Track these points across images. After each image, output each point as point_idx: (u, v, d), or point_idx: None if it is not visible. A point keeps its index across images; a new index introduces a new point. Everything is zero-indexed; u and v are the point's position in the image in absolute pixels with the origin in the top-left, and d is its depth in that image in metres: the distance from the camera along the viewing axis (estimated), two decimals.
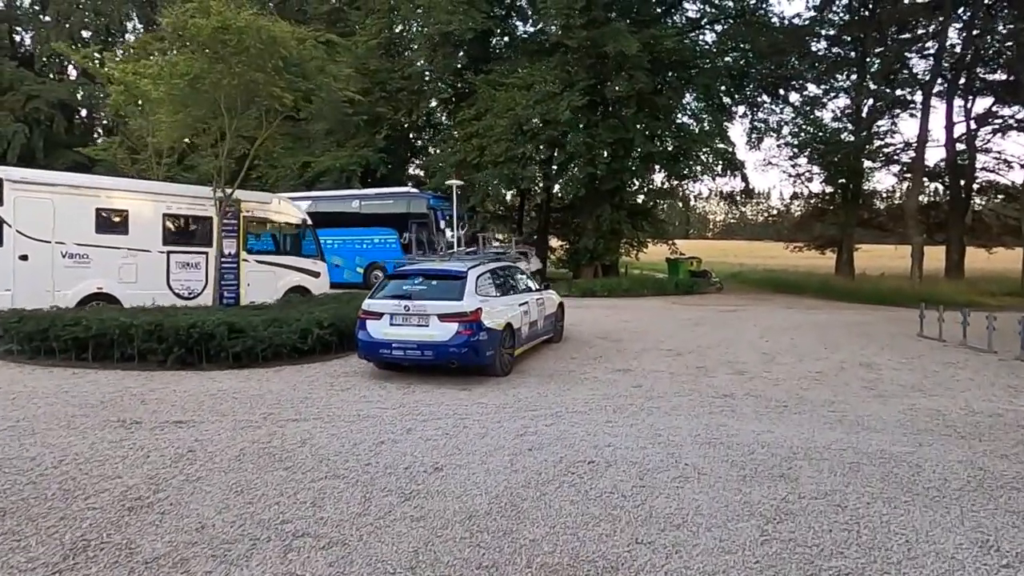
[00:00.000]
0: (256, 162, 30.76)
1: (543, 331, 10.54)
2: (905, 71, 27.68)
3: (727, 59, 27.38)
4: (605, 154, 23.76)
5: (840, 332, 12.93)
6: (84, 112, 39.01)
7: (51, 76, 36.56)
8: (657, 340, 11.80)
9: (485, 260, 9.33)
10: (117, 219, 12.66)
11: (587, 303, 19.00)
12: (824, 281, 25.62)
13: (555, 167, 25.54)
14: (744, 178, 28.77)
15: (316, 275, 15.54)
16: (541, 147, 22.82)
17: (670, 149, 26.13)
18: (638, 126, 22.76)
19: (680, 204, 31.34)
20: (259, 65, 12.17)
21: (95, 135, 37.43)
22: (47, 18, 34.92)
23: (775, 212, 52.35)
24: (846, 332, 12.93)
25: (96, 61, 16.68)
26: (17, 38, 37.35)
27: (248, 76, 12.08)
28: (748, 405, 7.04)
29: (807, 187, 31.71)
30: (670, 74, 25.06)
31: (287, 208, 15.43)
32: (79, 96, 35.13)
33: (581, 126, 21.95)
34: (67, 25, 34.19)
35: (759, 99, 30.31)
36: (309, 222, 15.79)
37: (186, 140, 15.58)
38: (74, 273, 12.07)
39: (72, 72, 36.86)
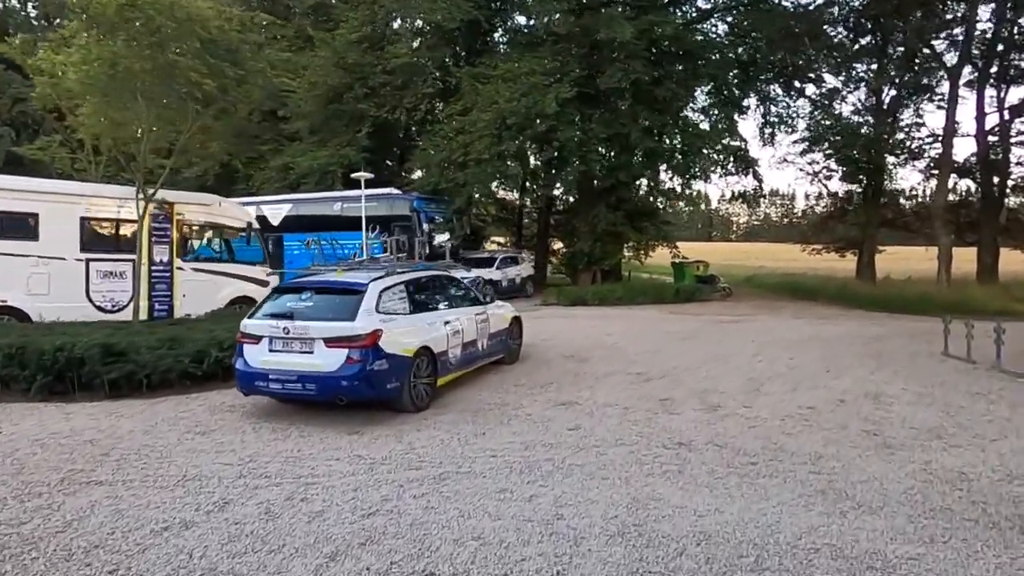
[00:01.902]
0: (236, 163, 29.60)
1: (487, 352, 8.89)
2: (931, 59, 25.49)
3: (738, 50, 25.51)
4: (601, 151, 22.03)
5: (850, 349, 11.06)
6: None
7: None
8: (630, 360, 10.07)
9: (399, 270, 7.71)
10: (25, 223, 11.30)
11: (574, 313, 17.30)
12: (843, 286, 23.54)
13: (542, 164, 23.83)
14: (756, 176, 26.79)
15: (264, 284, 14.01)
16: (527, 144, 21.10)
17: (677, 145, 24.29)
18: (636, 120, 20.92)
19: (685, 205, 29.28)
20: (174, 47, 10.77)
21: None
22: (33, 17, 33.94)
23: (799, 213, 49.95)
24: (857, 349, 11.06)
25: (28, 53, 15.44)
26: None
27: (162, 59, 10.67)
28: (704, 462, 5.32)
29: (825, 185, 29.56)
30: (677, 67, 23.21)
31: (230, 210, 13.99)
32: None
33: (573, 120, 20.22)
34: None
35: (772, 92, 28.29)
36: (256, 226, 14.33)
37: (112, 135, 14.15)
38: None
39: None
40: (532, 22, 24.54)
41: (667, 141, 24.69)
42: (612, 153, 23.02)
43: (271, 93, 12.96)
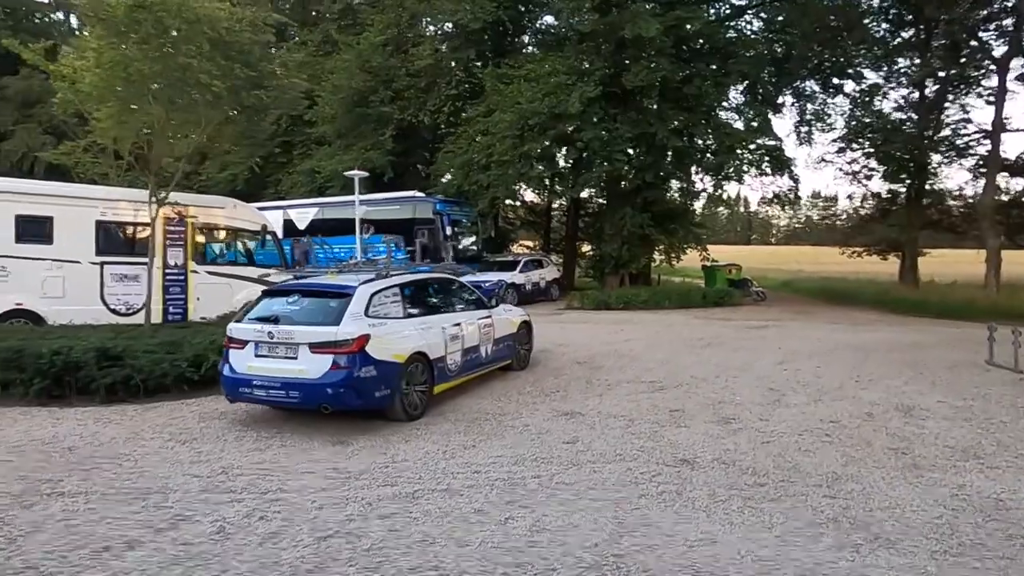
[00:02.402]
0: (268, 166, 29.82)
1: (491, 358, 8.51)
2: (978, 51, 24.21)
3: (774, 47, 24.65)
4: (628, 151, 21.43)
5: (884, 358, 10.35)
6: None
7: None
8: (645, 367, 9.58)
9: (394, 272, 7.39)
10: (41, 227, 11.36)
11: (596, 318, 16.80)
12: (883, 290, 22.52)
13: (567, 165, 23.38)
14: (792, 177, 25.80)
15: None
16: (551, 145, 20.63)
17: (711, 145, 23.55)
18: (664, 120, 20.30)
19: (716, 207, 28.48)
20: (185, 48, 10.70)
21: None
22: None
23: (841, 215, 48.37)
24: (892, 358, 10.34)
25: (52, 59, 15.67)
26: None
27: (172, 61, 10.61)
28: (707, 482, 4.85)
29: (865, 186, 28.36)
30: (708, 64, 22.48)
31: (245, 213, 13.91)
32: None
33: (596, 120, 19.72)
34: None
35: (808, 89, 27.30)
36: (271, 228, 14.24)
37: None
38: None
39: None
40: (557, 21, 24.13)
41: (697, 141, 24.01)
42: (640, 153, 22.45)
43: (286, 95, 12.76)
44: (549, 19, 25.70)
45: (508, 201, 30.21)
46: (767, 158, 24.27)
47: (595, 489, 4.71)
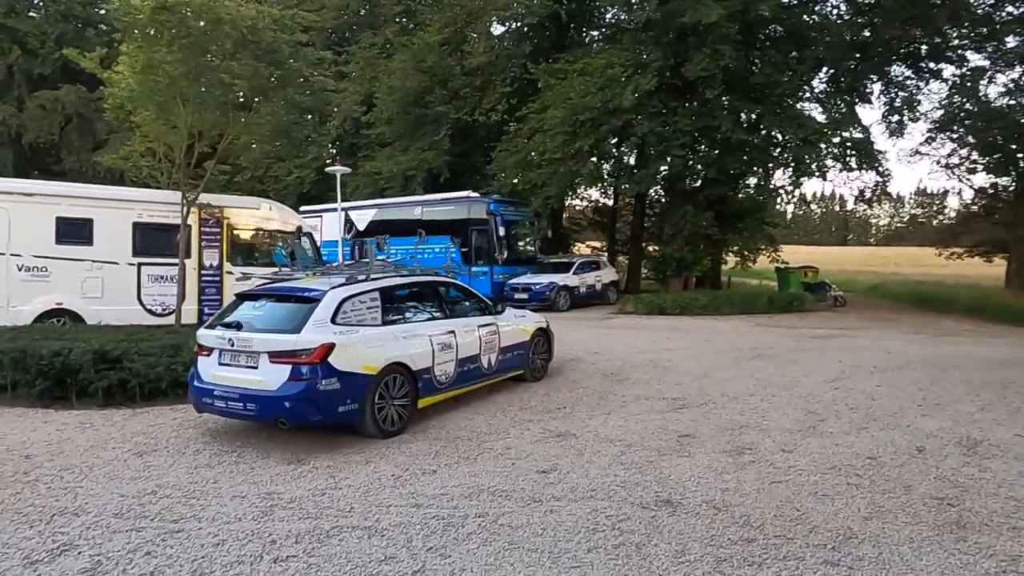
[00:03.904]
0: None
1: (497, 369, 7.84)
2: None
3: (862, 32, 22.57)
4: (688, 146, 20.10)
5: (962, 377, 8.89)
6: None
7: None
8: (675, 382, 8.63)
9: (376, 275, 6.84)
10: (80, 228, 11.65)
11: (647, 323, 15.76)
12: (982, 296, 20.09)
13: (624, 162, 22.29)
14: (879, 172, 23.50)
15: None
16: (605, 141, 19.61)
17: (786, 139, 21.83)
18: (727, 111, 18.90)
19: (791, 204, 26.49)
20: (207, 48, 10.66)
21: None
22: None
23: (944, 213, 44.45)
24: (972, 377, 8.87)
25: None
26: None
27: (196, 62, 10.59)
28: (682, 532, 3.99)
29: (968, 180, 25.59)
30: (779, 51, 20.84)
31: (279, 214, 13.85)
32: None
33: (653, 113, 18.58)
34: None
35: (898, 75, 24.86)
36: (306, 229, 14.12)
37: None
38: (31, 287, 11.14)
39: None
40: (616, 11, 23.07)
41: (772, 135, 22.30)
42: (705, 148, 21.08)
43: (316, 94, 12.58)
44: (608, 12, 24.72)
45: (573, 201, 29.45)
46: (853, 152, 22.29)
47: (540, 536, 3.96)
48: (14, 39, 32.98)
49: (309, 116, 30.15)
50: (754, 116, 21.13)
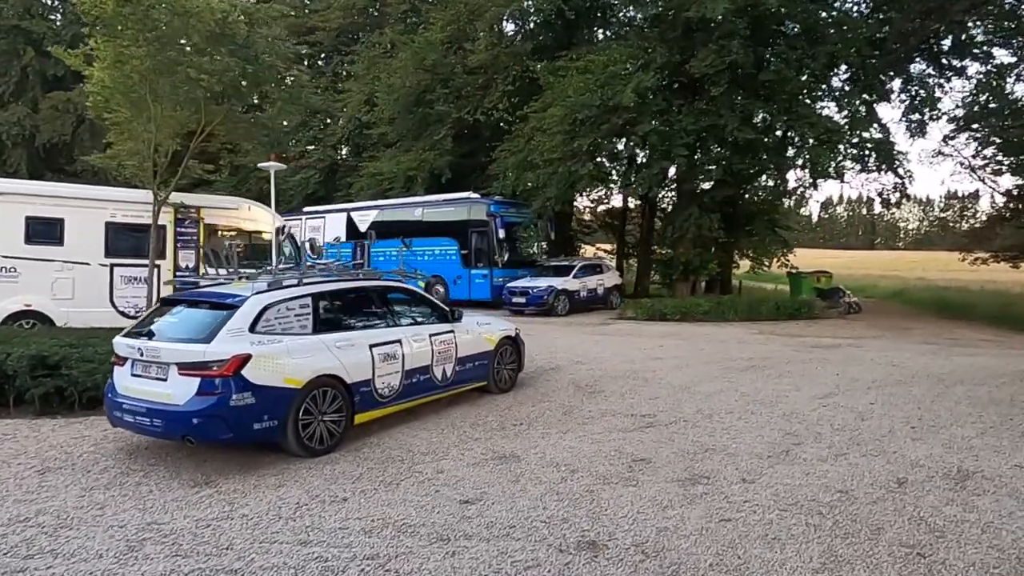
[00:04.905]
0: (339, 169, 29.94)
1: (454, 380, 7.31)
2: None
3: (882, 28, 21.61)
4: (705, 145, 19.37)
5: (967, 394, 8.14)
6: None
7: None
8: (651, 396, 8.01)
9: (310, 279, 6.34)
10: (51, 228, 11.38)
11: (644, 330, 15.10)
12: (1006, 304, 19.15)
13: (627, 163, 21.60)
14: (897, 173, 22.47)
15: None
16: (603, 140, 18.92)
17: (796, 138, 20.98)
18: (733, 110, 18.13)
19: (796, 207, 25.56)
20: (174, 42, 10.31)
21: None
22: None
23: (969, 215, 42.94)
24: (978, 395, 8.11)
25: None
26: None
27: (162, 55, 10.23)
28: None
29: (993, 183, 24.43)
30: (790, 47, 20.00)
31: (259, 215, 13.48)
32: None
33: (656, 110, 17.89)
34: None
35: (921, 72, 23.80)
36: (287, 230, 13.74)
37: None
38: None
39: None
40: (625, 7, 22.40)
41: (787, 135, 21.45)
42: (717, 149, 20.31)
43: (294, 92, 12.20)
44: (621, 11, 24.03)
45: (582, 203, 28.78)
46: (871, 152, 21.36)
47: None
48: (28, 40, 33.27)
49: (317, 115, 29.98)
50: (764, 115, 20.36)
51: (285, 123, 14.68)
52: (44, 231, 11.28)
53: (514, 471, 5.26)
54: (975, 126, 21.74)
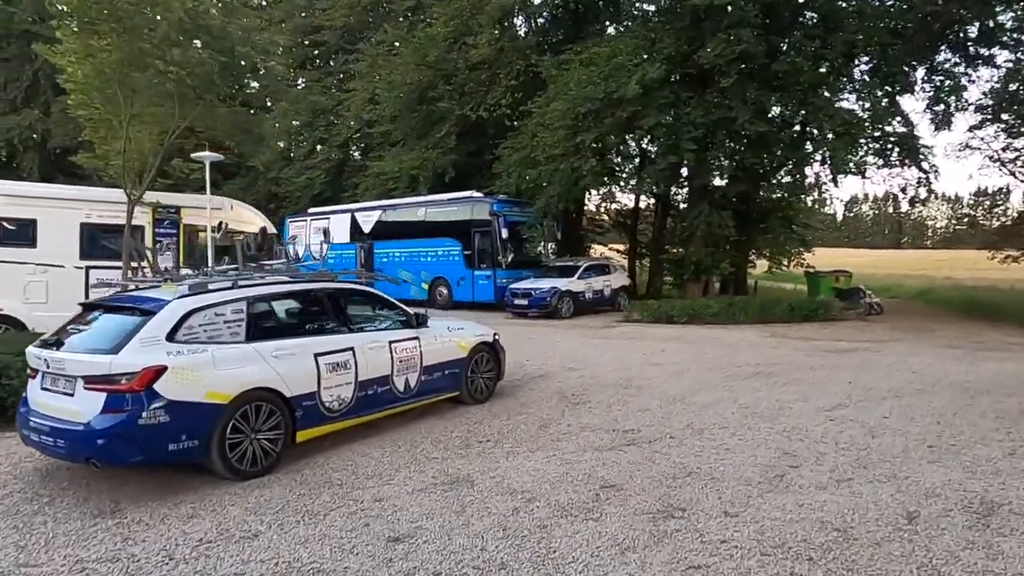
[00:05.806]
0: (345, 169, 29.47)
1: (419, 391, 6.67)
2: None
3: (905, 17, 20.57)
4: (716, 139, 18.51)
5: (994, 406, 7.29)
6: None
7: None
8: (640, 406, 7.31)
9: (244, 281, 5.74)
10: (23, 229, 10.99)
11: (648, 333, 14.34)
12: None
13: (637, 158, 20.81)
14: (921, 167, 21.35)
15: None
16: (607, 134, 18.11)
17: (814, 132, 20.02)
18: (744, 102, 17.25)
19: (821, 205, 24.53)
20: (142, 34, 9.84)
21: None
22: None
23: (1000, 212, 41.39)
24: (1006, 407, 7.26)
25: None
26: None
27: (129, 48, 9.77)
28: None
29: (1022, 176, 23.16)
30: (805, 36, 19.07)
31: (243, 215, 12.99)
32: None
33: (663, 103, 17.10)
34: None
35: (947, 61, 22.66)
36: (271, 231, 13.23)
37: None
38: None
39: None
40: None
41: (806, 128, 20.50)
42: (730, 144, 19.44)
43: (276, 85, 11.69)
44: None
45: (593, 202, 28.02)
46: (894, 147, 20.34)
47: None
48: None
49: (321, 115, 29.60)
50: (778, 108, 19.45)
51: (278, 125, 14.23)
52: (16, 232, 10.91)
53: (462, 499, 4.61)
54: (1004, 117, 20.52)
